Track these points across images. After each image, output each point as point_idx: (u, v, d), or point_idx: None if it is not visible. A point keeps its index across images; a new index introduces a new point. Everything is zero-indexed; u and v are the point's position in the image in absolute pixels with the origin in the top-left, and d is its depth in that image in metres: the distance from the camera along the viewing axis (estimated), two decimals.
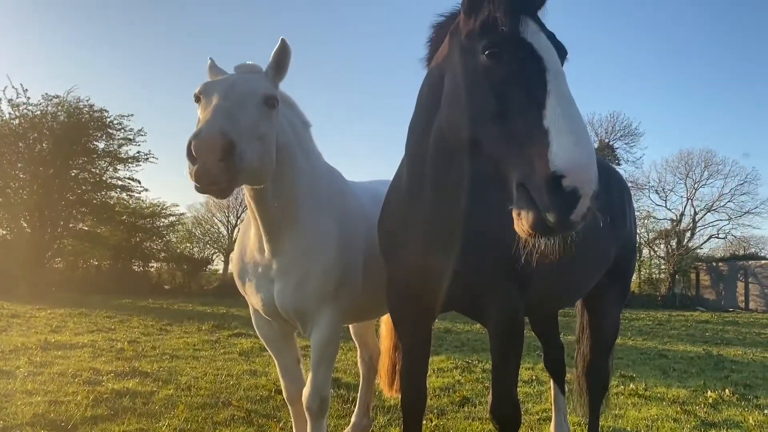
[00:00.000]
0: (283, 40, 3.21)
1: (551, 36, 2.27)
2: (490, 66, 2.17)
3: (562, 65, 2.26)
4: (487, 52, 2.17)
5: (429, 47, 2.80)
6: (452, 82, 2.39)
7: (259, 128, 2.89)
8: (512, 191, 2.01)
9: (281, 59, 3.23)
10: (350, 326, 5.13)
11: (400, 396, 3.48)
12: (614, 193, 4.14)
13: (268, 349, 3.98)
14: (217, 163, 2.52)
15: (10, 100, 28.03)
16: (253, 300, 3.66)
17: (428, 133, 2.66)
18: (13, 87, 37.30)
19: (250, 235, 3.60)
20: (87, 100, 29.43)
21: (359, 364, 5.24)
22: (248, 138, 2.74)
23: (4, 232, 29.64)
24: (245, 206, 3.48)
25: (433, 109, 2.59)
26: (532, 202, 1.92)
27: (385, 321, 4.90)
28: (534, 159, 1.91)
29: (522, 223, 1.97)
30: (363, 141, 68.10)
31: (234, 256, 3.80)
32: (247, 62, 3.26)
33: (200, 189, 2.60)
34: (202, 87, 2.99)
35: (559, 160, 1.84)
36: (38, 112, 28.45)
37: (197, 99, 2.99)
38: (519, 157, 1.98)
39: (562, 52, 2.27)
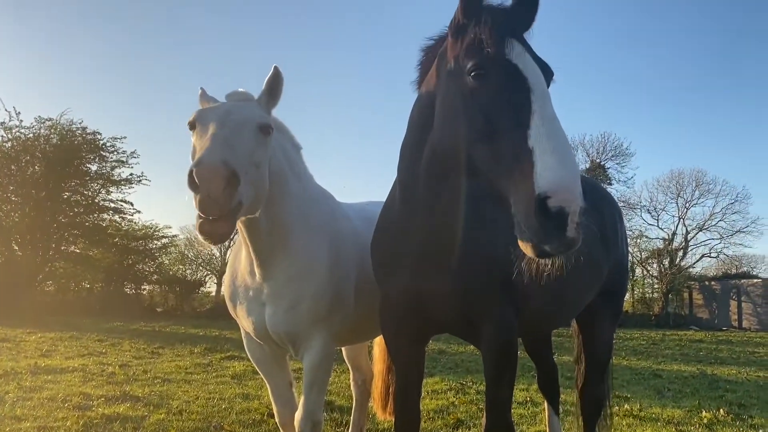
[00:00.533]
0: (275, 68, 3.24)
1: (537, 57, 2.30)
2: (477, 87, 2.20)
3: (549, 86, 2.29)
4: (473, 74, 2.21)
5: (419, 70, 2.84)
6: (442, 104, 2.43)
7: (255, 156, 2.90)
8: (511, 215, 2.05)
9: (274, 87, 3.26)
10: (343, 349, 5.10)
11: (393, 419, 3.46)
12: (606, 213, 4.16)
13: (259, 372, 3.95)
14: (222, 192, 2.53)
15: (2, 123, 28.17)
16: (245, 323, 3.64)
17: (420, 155, 2.68)
18: (5, 110, 37.56)
19: (241, 258, 3.60)
20: (80, 123, 29.61)
21: (352, 387, 5.20)
22: (246, 166, 2.75)
23: None
24: (237, 228, 3.47)
25: (424, 132, 2.61)
26: (526, 233, 1.95)
27: (379, 343, 4.88)
28: (522, 180, 1.95)
29: (526, 249, 2.01)
30: (356, 160, 68.21)
31: (225, 279, 3.79)
32: (239, 90, 3.28)
33: (204, 229, 2.60)
34: (196, 114, 3.00)
35: (543, 180, 1.88)
36: (31, 135, 28.53)
37: (192, 126, 2.99)
38: (509, 178, 2.02)
39: (548, 73, 2.30)
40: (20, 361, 10.12)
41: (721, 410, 7.24)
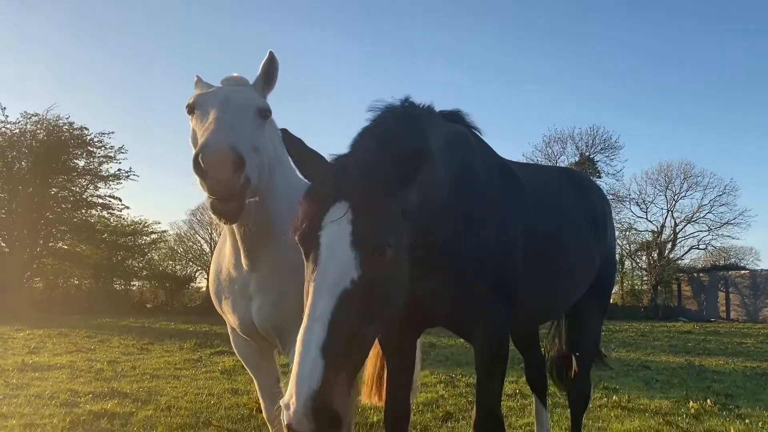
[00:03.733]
0: (271, 53, 3.27)
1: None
2: None
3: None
4: None
5: None
6: None
7: (255, 140, 2.94)
8: None
9: (269, 72, 3.28)
10: None
11: (383, 411, 3.44)
12: (597, 205, 4.17)
13: (247, 368, 3.93)
14: (231, 175, 2.57)
15: None
16: (231, 318, 3.61)
17: None
18: None
19: (225, 252, 3.56)
20: (67, 118, 29.35)
21: None
22: (248, 151, 2.76)
23: None
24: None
25: None
26: None
27: None
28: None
29: None
30: None
31: (210, 274, 3.76)
32: (234, 75, 3.30)
33: (216, 208, 2.64)
34: (195, 98, 3.03)
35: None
36: (17, 131, 28.30)
37: (191, 110, 3.02)
38: None
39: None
40: (7, 358, 10.05)
41: (708, 400, 7.29)
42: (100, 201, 31.05)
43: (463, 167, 2.85)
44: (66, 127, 29.25)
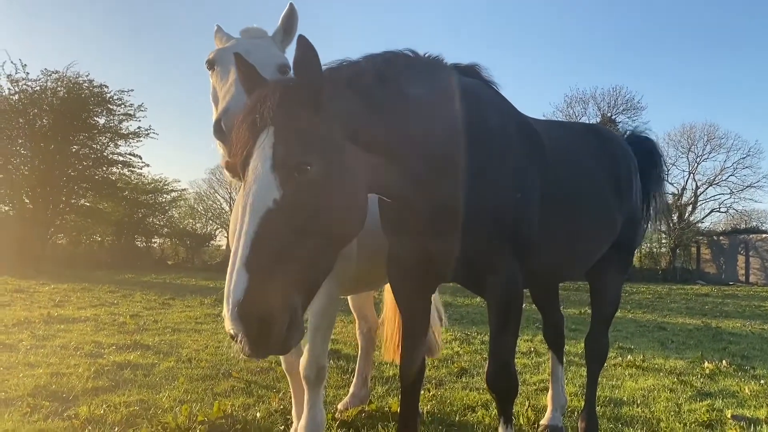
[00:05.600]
0: (291, 4, 3.28)
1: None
2: None
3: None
4: None
5: None
6: None
7: None
8: None
9: (289, 24, 3.29)
10: (349, 299, 5.15)
11: (399, 366, 3.51)
12: (621, 163, 4.10)
13: None
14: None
15: (9, 76, 28.08)
16: None
17: None
18: (11, 62, 37.30)
19: None
20: (86, 76, 29.45)
21: (358, 336, 5.27)
22: None
23: (7, 208, 29.78)
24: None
25: None
26: None
27: (389, 290, 4.91)
28: None
29: None
30: None
31: (230, 229, 3.81)
32: (254, 26, 3.33)
33: (231, 169, 2.69)
34: (215, 54, 3.06)
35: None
36: (38, 88, 28.43)
37: (210, 66, 3.06)
38: None
39: None
40: (34, 311, 10.31)
41: (724, 361, 7.31)
42: (121, 159, 31.31)
43: (471, 119, 2.81)
44: (86, 84, 29.34)
